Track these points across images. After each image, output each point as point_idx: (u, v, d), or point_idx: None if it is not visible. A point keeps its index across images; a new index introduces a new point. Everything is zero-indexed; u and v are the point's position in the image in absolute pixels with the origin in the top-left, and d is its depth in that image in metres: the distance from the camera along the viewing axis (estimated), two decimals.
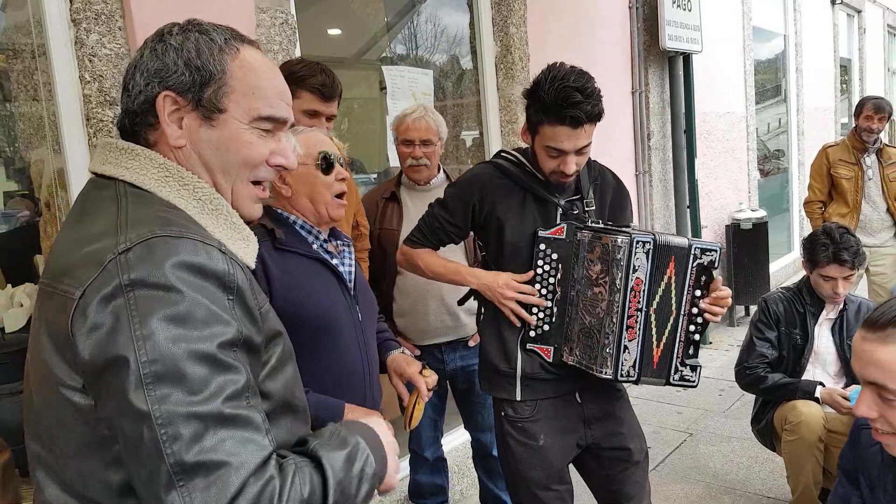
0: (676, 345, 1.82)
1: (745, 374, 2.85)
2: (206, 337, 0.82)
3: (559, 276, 1.86)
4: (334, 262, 1.62)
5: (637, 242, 1.73)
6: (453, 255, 2.53)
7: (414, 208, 2.62)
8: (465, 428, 2.89)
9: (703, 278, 1.81)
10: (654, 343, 1.82)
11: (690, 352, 1.84)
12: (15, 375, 1.87)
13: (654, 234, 1.77)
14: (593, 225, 1.86)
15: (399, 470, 1.11)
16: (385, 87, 3.34)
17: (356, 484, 0.93)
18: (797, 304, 2.83)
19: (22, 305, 2.20)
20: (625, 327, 1.76)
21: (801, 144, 7.78)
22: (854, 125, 4.37)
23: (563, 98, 1.71)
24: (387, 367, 1.75)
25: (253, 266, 1.01)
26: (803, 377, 2.80)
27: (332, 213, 1.62)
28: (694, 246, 1.79)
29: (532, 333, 1.89)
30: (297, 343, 1.47)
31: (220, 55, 0.98)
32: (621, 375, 1.79)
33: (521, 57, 3.76)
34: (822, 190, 4.43)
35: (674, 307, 1.80)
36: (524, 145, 1.99)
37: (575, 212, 1.90)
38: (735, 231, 5.74)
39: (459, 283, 2.00)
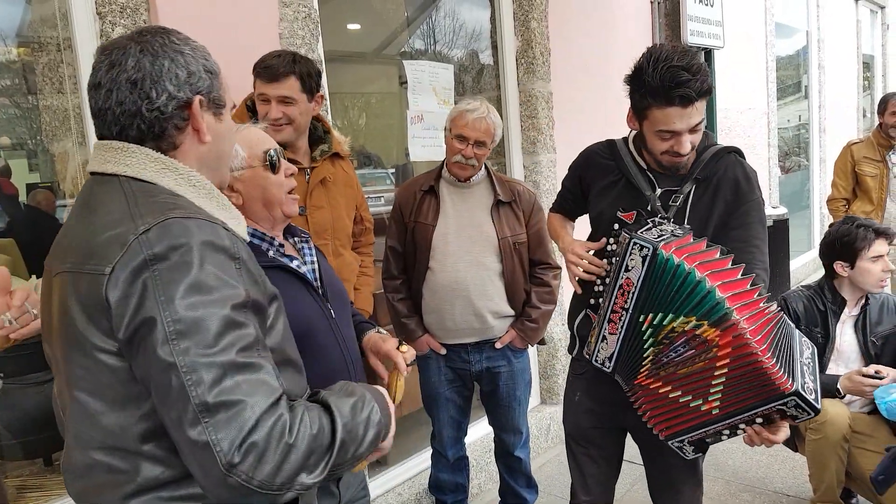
0: (701, 429, 1.68)
1: None
2: (219, 300, 0.95)
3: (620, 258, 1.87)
4: (294, 264, 1.54)
5: (634, 243, 1.66)
6: (485, 250, 2.55)
7: (452, 205, 2.58)
8: (489, 425, 2.88)
9: (775, 417, 1.61)
10: (650, 374, 1.70)
11: (707, 441, 1.72)
12: (40, 365, 1.89)
13: (655, 245, 1.62)
14: (652, 220, 1.80)
15: (391, 435, 1.24)
16: (405, 82, 3.33)
17: (363, 428, 1.08)
18: (818, 303, 2.80)
19: None
20: (607, 319, 1.76)
21: (822, 141, 7.69)
22: (879, 122, 4.31)
23: (671, 78, 1.65)
24: (363, 348, 1.69)
25: (248, 239, 1.15)
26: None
27: (287, 212, 1.56)
28: (796, 396, 1.53)
29: (592, 301, 1.93)
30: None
31: (211, 57, 1.13)
32: (596, 360, 1.81)
33: (543, 52, 3.73)
34: (847, 187, 4.38)
35: (730, 411, 1.62)
36: (541, 139, 2.00)
37: (658, 203, 1.85)
38: None
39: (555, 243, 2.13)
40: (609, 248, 1.87)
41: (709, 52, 5.07)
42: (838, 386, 2.63)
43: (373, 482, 2.97)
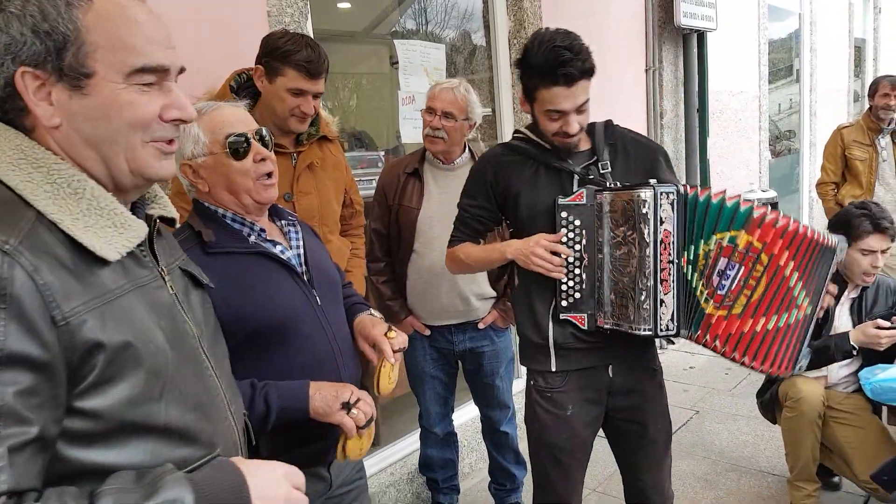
0: (807, 334, 1.83)
1: None
2: None
3: (584, 242, 1.85)
4: (277, 249, 1.49)
5: (662, 194, 1.72)
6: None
7: (436, 187, 2.58)
8: (475, 403, 2.91)
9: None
10: (727, 314, 1.79)
11: (807, 342, 1.86)
12: None
13: (677, 187, 1.75)
14: (612, 185, 1.84)
15: None
16: (396, 62, 3.31)
17: None
18: None
19: None
20: (659, 281, 1.75)
21: (812, 125, 7.71)
22: (868, 105, 4.33)
23: (554, 58, 1.73)
24: (353, 330, 1.65)
25: (116, 257, 0.89)
26: None
27: (258, 199, 1.47)
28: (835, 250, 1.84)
29: (564, 303, 1.89)
30: (255, 348, 1.41)
31: (69, 11, 0.86)
32: (661, 331, 1.78)
33: None
34: (836, 171, 4.40)
35: (803, 297, 1.78)
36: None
37: (591, 177, 1.88)
38: None
39: (500, 260, 1.98)
40: (566, 238, 1.85)
41: (702, 35, 5.06)
42: (851, 342, 2.59)
43: (365, 462, 2.99)
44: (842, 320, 2.79)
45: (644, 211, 1.72)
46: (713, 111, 5.44)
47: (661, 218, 1.72)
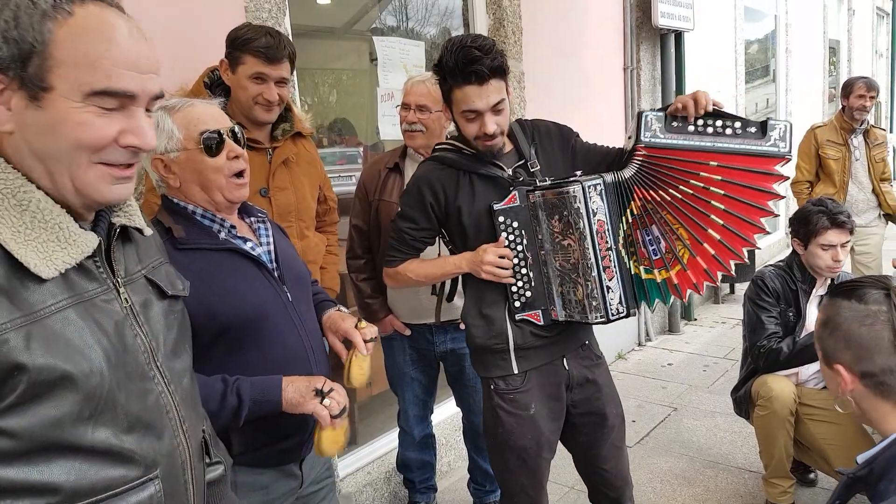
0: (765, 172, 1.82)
1: (760, 353, 2.75)
2: None
3: (525, 241, 1.90)
4: (248, 245, 1.50)
5: (589, 186, 1.79)
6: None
7: None
8: (457, 406, 2.88)
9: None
10: (675, 261, 1.85)
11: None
12: None
13: (602, 177, 1.81)
14: (542, 184, 1.88)
15: None
16: (375, 59, 3.29)
17: None
18: (789, 282, 2.82)
19: None
20: (602, 269, 1.81)
21: None
22: (842, 106, 4.39)
23: (463, 57, 1.77)
24: (322, 327, 1.65)
25: (52, 275, 0.86)
26: None
27: (229, 197, 1.47)
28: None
29: (517, 303, 1.93)
30: (227, 344, 1.41)
31: (43, 22, 0.84)
32: (613, 315, 1.83)
33: (514, 31, 3.71)
34: (810, 170, 4.46)
35: (707, 183, 1.80)
36: (511, 119, 1.99)
37: (521, 178, 1.92)
38: None
39: (453, 273, 2.01)
40: (507, 241, 1.89)
41: (679, 35, 5.10)
42: None
43: (342, 461, 2.97)
44: (810, 317, 2.80)
45: (576, 206, 1.79)
46: None
47: (592, 210, 1.79)
